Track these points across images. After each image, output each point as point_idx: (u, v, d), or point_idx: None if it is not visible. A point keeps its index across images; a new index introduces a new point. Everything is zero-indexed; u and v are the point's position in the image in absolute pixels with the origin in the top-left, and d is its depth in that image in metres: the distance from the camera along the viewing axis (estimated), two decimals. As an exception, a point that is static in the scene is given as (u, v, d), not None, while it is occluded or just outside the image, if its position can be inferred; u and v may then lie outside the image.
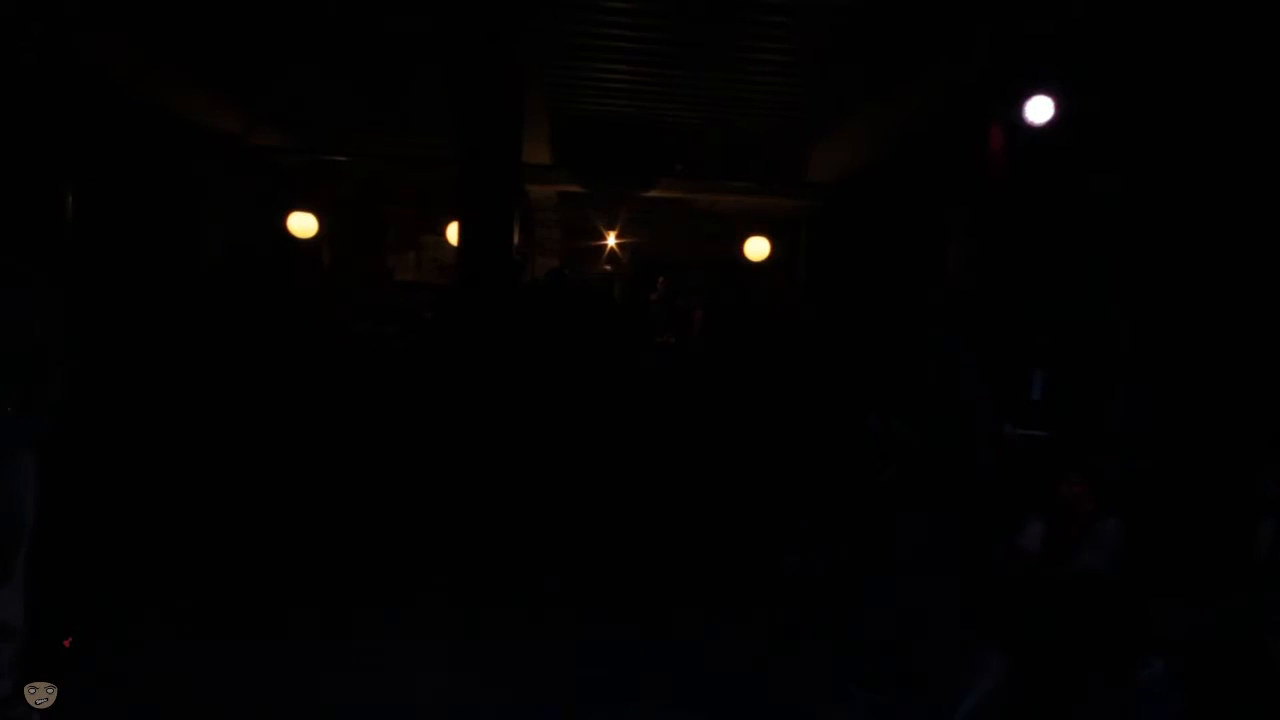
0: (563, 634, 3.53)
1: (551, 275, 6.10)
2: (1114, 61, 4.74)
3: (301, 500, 4.42)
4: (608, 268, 8.57)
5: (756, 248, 8.48)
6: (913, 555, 3.58)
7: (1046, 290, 5.27)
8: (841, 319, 6.18)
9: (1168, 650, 3.15)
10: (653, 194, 8.38)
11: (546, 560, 4.13)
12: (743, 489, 4.50)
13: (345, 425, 4.85)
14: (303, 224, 7.89)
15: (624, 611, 3.77)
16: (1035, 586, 3.63)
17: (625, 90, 6.79)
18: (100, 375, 4.02)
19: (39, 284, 2.32)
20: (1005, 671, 3.11)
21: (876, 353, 5.18)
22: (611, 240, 8.81)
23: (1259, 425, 3.72)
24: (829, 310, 6.56)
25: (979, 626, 3.51)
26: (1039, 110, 5.24)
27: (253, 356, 5.05)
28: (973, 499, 3.68)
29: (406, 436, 4.77)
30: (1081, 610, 3.41)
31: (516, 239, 5.68)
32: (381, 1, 5.34)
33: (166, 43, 5.87)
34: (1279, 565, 3.26)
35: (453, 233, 7.02)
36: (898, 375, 4.34)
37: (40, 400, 2.30)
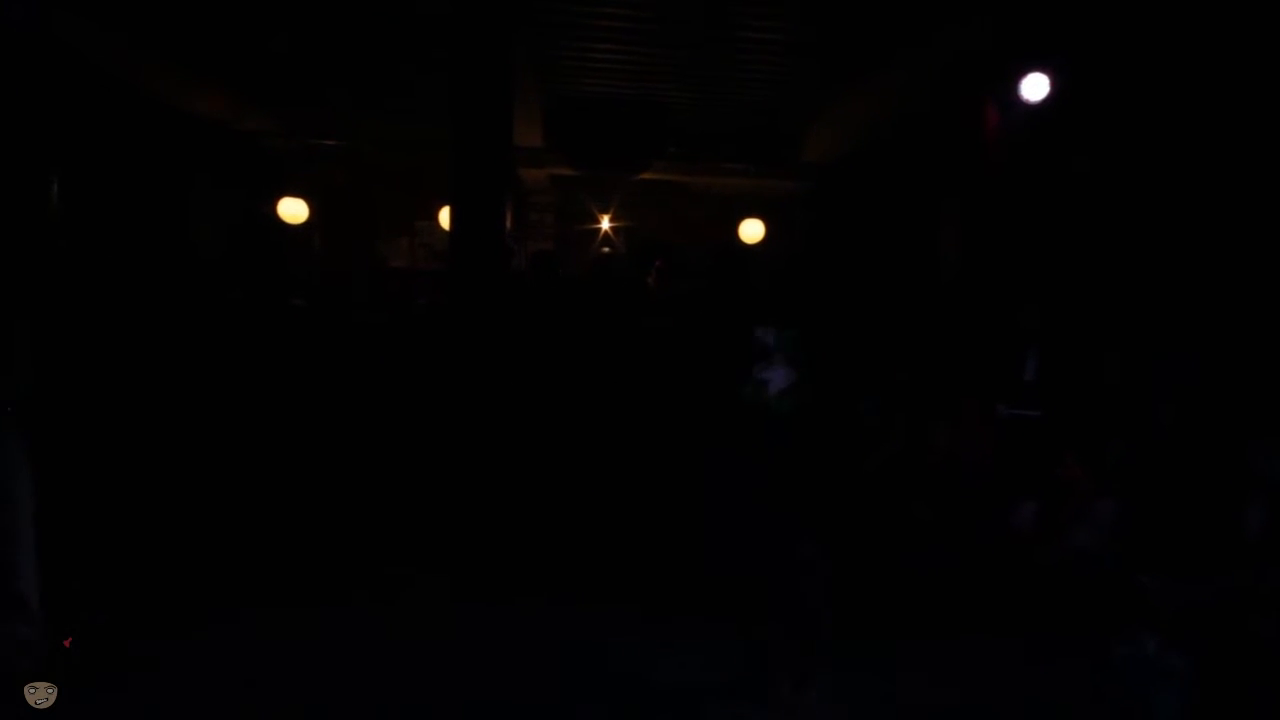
0: (551, 631, 3.47)
1: (539, 258, 6.04)
2: (1108, 41, 4.70)
3: (293, 490, 4.40)
4: (584, 257, 8.42)
5: (752, 230, 8.45)
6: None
7: (1040, 269, 5.27)
8: (838, 303, 6.15)
9: (1158, 628, 3.18)
10: (647, 176, 8.32)
11: (540, 552, 4.11)
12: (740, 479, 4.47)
13: (338, 414, 4.83)
14: (293, 210, 7.82)
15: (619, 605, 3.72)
16: (1028, 566, 3.66)
17: (618, 71, 6.72)
18: (85, 362, 4.00)
19: None
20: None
21: (876, 338, 5.16)
22: (605, 223, 8.75)
23: (1250, 402, 3.74)
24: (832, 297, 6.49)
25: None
26: (1034, 88, 5.21)
27: (244, 345, 5.02)
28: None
29: (400, 424, 4.75)
30: (1074, 589, 3.44)
31: (509, 223, 5.64)
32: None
33: (152, 25, 5.78)
34: (1268, 543, 3.29)
35: (445, 218, 6.96)
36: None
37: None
